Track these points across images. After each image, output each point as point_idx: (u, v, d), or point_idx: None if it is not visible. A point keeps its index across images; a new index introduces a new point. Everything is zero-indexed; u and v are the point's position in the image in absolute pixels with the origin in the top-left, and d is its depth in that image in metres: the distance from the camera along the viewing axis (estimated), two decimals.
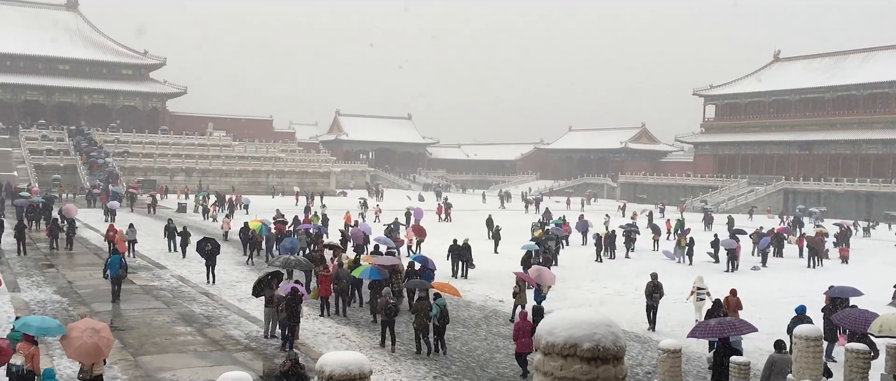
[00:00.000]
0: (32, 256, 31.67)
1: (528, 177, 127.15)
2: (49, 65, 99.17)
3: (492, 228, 41.12)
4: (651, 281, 20.69)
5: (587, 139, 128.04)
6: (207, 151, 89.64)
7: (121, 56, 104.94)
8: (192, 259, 31.29)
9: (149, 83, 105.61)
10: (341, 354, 6.61)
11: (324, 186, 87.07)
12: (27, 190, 56.22)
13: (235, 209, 55.31)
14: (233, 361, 16.56)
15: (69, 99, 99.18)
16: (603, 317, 5.57)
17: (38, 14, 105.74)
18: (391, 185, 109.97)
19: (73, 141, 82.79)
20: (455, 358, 17.30)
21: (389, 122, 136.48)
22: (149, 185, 74.61)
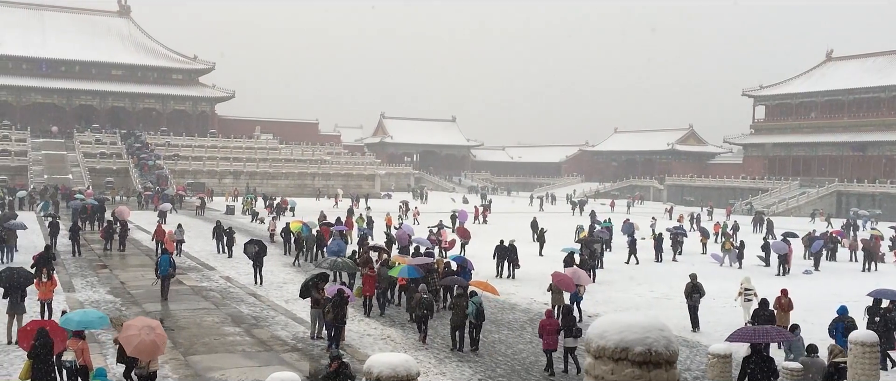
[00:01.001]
0: (86, 257, 32.45)
1: (572, 179, 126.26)
2: (102, 70, 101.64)
3: (536, 230, 40.90)
4: (690, 282, 20.74)
5: (633, 141, 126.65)
6: (255, 154, 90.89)
7: (171, 61, 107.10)
8: (240, 260, 31.74)
9: (198, 87, 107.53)
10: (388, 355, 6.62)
11: (368, 189, 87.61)
12: (81, 193, 57.73)
13: (282, 211, 55.99)
14: (280, 361, 16.73)
15: (122, 103, 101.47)
16: (655, 321, 5.48)
17: (92, 21, 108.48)
18: (435, 187, 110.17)
19: (126, 144, 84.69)
20: (500, 361, 17.24)
21: (434, 124, 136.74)
22: (198, 187, 75.93)
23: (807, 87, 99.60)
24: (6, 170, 70.87)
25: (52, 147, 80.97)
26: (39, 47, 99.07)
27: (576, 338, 16.25)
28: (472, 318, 17.62)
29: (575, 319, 17.17)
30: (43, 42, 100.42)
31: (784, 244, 33.41)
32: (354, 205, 64.13)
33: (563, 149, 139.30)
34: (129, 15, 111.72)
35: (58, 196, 58.26)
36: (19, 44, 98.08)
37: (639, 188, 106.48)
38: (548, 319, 16.45)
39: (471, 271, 24.36)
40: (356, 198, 71.17)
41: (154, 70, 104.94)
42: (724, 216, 66.09)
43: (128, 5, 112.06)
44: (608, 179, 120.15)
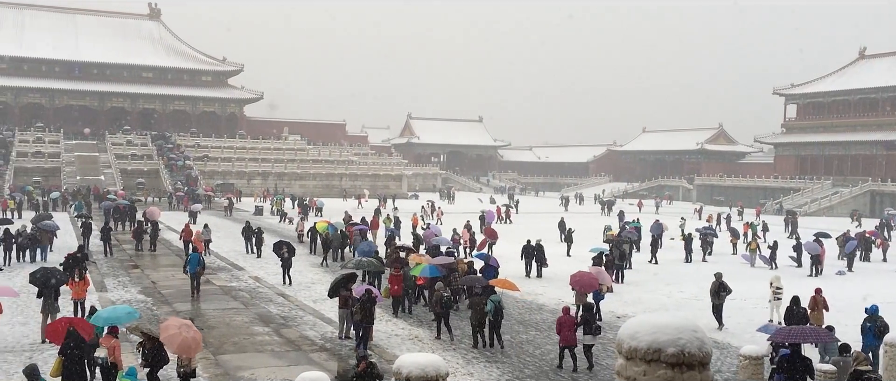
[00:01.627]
0: (118, 257, 32.87)
1: (600, 179, 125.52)
2: (133, 73, 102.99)
3: (564, 230, 40.70)
4: (716, 281, 20.83)
5: (662, 141, 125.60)
6: (283, 155, 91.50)
7: (200, 63, 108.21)
8: (269, 260, 31.98)
9: (227, 89, 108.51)
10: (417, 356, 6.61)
11: (396, 189, 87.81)
12: (113, 193, 58.53)
13: (310, 212, 56.31)
14: (308, 361, 16.81)
15: (152, 105, 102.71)
16: (688, 322, 5.40)
17: (123, 24, 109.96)
18: (463, 187, 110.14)
19: (156, 146, 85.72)
20: (528, 361, 17.17)
21: (460, 125, 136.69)
22: (227, 188, 76.63)
23: (839, 85, 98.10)
24: (40, 171, 72.04)
25: (85, 149, 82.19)
26: (72, 51, 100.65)
27: (594, 335, 16.46)
28: (491, 316, 17.85)
29: (594, 316, 17.18)
30: (75, 45, 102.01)
31: (817, 245, 32.90)
32: (382, 205, 64.29)
33: (590, 149, 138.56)
34: (159, 18, 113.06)
35: (90, 197, 59.11)
36: (52, 47, 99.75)
37: (668, 188, 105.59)
38: (565, 315, 16.62)
39: (495, 267, 24.56)
40: (383, 198, 71.36)
41: (184, 72, 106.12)
42: (753, 216, 65.31)
43: (158, 8, 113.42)
44: (636, 179, 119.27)
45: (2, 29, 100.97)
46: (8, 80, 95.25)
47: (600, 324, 17.10)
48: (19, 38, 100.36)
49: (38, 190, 61.84)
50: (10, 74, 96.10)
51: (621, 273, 29.23)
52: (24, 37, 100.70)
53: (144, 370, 13.53)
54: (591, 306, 17.48)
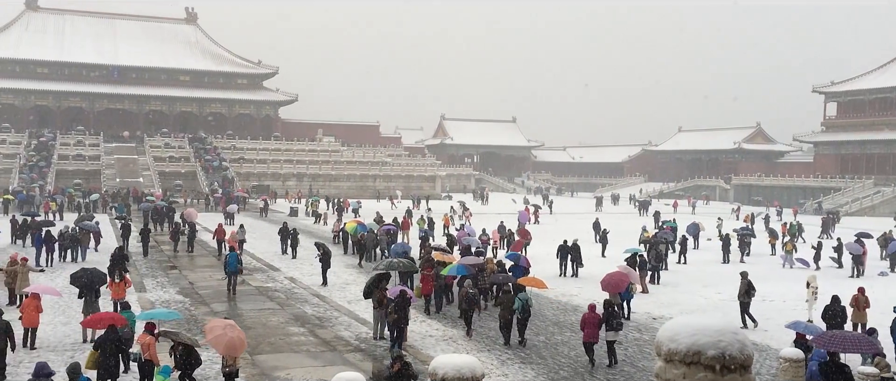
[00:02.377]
0: (157, 257, 33.36)
1: (635, 179, 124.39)
2: (171, 76, 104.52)
3: (599, 231, 40.42)
4: (744, 280, 21.00)
5: (698, 140, 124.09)
6: (317, 157, 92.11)
7: (236, 66, 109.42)
8: (304, 261, 32.24)
9: (262, 92, 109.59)
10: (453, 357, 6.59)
11: (429, 190, 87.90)
12: (151, 195, 59.44)
13: (344, 212, 56.62)
14: (344, 361, 16.88)
15: (189, 108, 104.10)
16: (729, 323, 5.31)
17: (160, 28, 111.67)
18: (496, 188, 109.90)
19: (193, 148, 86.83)
20: (563, 362, 17.07)
21: (494, 125, 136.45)
22: (262, 189, 77.34)
23: (880, 82, 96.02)
24: (81, 174, 73.38)
25: (124, 151, 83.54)
26: (112, 55, 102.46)
27: (616, 332, 16.75)
28: (519, 313, 18.16)
29: (617, 313, 17.36)
30: (115, 50, 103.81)
31: (858, 245, 32.26)
32: (415, 206, 64.41)
33: (625, 149, 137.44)
34: (195, 22, 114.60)
35: (129, 199, 60.07)
36: (93, 52, 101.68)
37: (704, 188, 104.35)
38: (590, 313, 16.87)
39: (525, 267, 24.75)
40: (416, 199, 71.48)
41: (220, 75, 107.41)
42: (791, 216, 64.32)
43: (195, 12, 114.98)
44: (672, 178, 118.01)
45: (44, 34, 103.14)
46: (50, 84, 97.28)
47: (623, 321, 17.14)
48: (61, 43, 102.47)
49: (79, 192, 62.99)
50: (51, 79, 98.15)
51: (657, 274, 28.94)
52: (65, 42, 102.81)
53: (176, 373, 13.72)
54: (612, 304, 17.55)
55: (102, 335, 14.21)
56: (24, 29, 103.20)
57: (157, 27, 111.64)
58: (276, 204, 69.20)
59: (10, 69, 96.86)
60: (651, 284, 27.98)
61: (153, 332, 14.10)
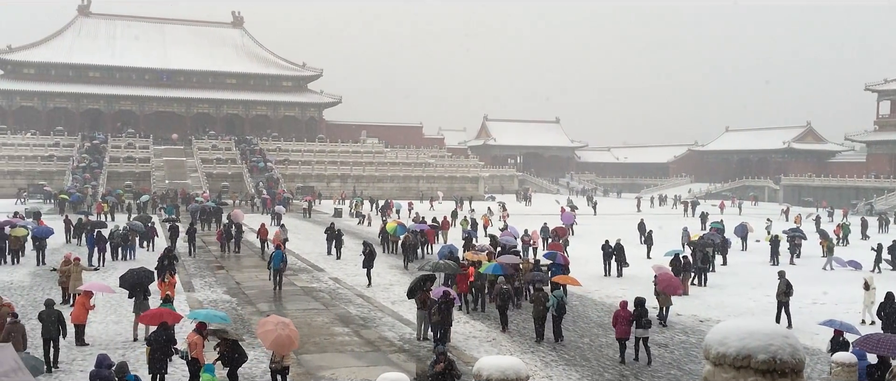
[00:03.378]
0: (204, 258, 33.92)
1: (681, 180, 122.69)
2: (218, 79, 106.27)
3: (644, 232, 39.98)
4: (781, 280, 21.30)
5: (746, 140, 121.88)
6: (361, 158, 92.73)
7: (281, 69, 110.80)
8: (348, 262, 32.47)
9: (307, 94, 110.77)
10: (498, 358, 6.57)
11: (472, 191, 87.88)
12: (200, 197, 60.49)
13: (389, 213, 56.92)
14: (388, 362, 16.96)
15: (235, 111, 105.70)
16: (779, 327, 5.19)
17: (208, 32, 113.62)
18: (539, 189, 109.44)
19: (239, 150, 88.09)
20: (607, 365, 16.92)
21: (537, 126, 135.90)
22: (306, 191, 78.10)
23: None
24: (131, 175, 74.97)
25: (173, 154, 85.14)
26: (160, 59, 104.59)
27: (646, 329, 17.05)
28: (554, 310, 18.59)
29: (646, 310, 17.46)
30: (163, 53, 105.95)
31: None
32: (458, 207, 64.45)
33: (670, 149, 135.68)
34: (242, 25, 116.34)
35: (178, 200, 61.18)
36: (142, 56, 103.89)
37: (752, 189, 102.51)
38: (622, 310, 17.22)
39: (562, 264, 25.01)
40: (459, 200, 71.49)
41: (266, 78, 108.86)
42: (840, 218, 62.81)
43: (241, 16, 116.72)
44: (719, 179, 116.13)
45: (96, 39, 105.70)
46: (102, 88, 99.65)
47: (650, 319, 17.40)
48: (112, 47, 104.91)
49: (129, 194, 64.45)
50: (103, 83, 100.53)
51: (704, 276, 28.50)
52: (116, 46, 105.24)
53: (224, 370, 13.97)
54: (642, 301, 17.54)
55: (153, 332, 14.68)
56: (77, 34, 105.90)
57: (205, 31, 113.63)
58: (320, 205, 69.81)
59: (64, 73, 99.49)
60: (698, 286, 27.58)
61: (202, 331, 14.36)
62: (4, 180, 72.74)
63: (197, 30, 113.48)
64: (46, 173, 73.55)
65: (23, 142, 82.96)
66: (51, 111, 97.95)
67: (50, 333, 15.76)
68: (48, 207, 60.11)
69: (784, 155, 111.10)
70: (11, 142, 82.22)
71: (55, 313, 15.99)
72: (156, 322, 15.09)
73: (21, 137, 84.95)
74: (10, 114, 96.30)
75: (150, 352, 14.40)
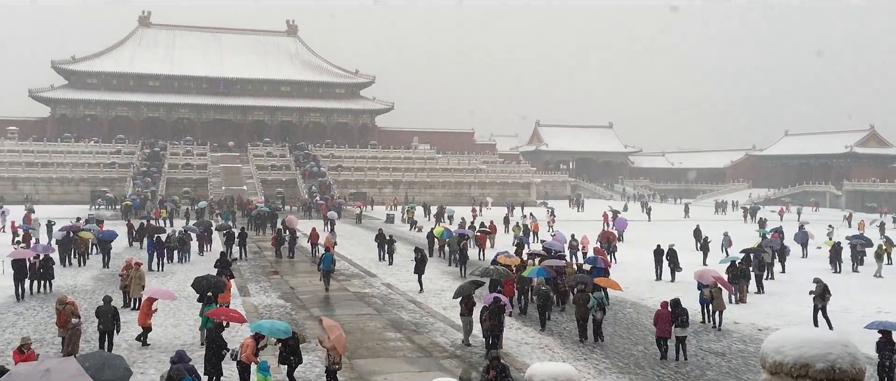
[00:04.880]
0: (259, 263, 34.49)
1: (738, 185, 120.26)
2: (273, 87, 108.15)
3: (700, 238, 39.31)
4: (819, 285, 21.38)
5: (806, 144, 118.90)
6: (413, 164, 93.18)
7: (334, 76, 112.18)
8: (400, 268, 32.64)
9: (359, 101, 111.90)
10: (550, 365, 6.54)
11: (524, 197, 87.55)
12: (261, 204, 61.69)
13: (441, 219, 57.10)
14: (439, 368, 16.97)
15: (290, 118, 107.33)
16: (839, 335, 5.05)
17: (263, 41, 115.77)
18: (592, 195, 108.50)
19: (294, 157, 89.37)
20: (663, 373, 16.68)
21: (589, 131, 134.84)
22: (359, 197, 78.79)
23: None
24: (189, 182, 76.70)
25: (229, 160, 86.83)
26: (217, 67, 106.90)
27: (683, 328, 17.62)
28: (595, 312, 19.18)
29: (685, 310, 17.84)
30: (220, 62, 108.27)
31: None
32: (510, 213, 64.28)
33: (727, 153, 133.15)
34: (296, 34, 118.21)
35: (234, 206, 62.37)
36: (200, 65, 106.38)
37: (813, 194, 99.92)
38: (663, 309, 17.87)
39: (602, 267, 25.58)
40: (511, 206, 71.31)
41: (319, 85, 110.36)
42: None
43: (295, 25, 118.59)
44: (778, 184, 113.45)
45: (156, 49, 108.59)
46: (161, 96, 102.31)
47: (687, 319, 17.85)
48: (171, 57, 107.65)
49: (186, 200, 66.01)
50: (162, 91, 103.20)
51: (760, 283, 27.89)
52: (174, 55, 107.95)
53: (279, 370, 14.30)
54: (678, 302, 18.06)
55: (207, 334, 15.09)
56: (138, 44, 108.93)
57: (260, 40, 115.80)
58: (373, 211, 70.33)
59: (125, 83, 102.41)
60: (756, 293, 27.01)
61: (257, 337, 14.64)
62: (69, 187, 75.12)
63: (252, 39, 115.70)
64: (108, 180, 75.72)
65: (86, 150, 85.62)
66: (113, 120, 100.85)
67: (106, 327, 17.24)
68: (111, 212, 61.86)
69: (846, 160, 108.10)
70: (76, 150, 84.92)
71: (112, 309, 17.41)
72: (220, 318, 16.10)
73: (84, 145, 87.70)
74: (74, 123, 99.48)
75: (206, 353, 14.79)
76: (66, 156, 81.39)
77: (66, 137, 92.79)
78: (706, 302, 21.72)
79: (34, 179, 75.08)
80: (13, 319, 21.20)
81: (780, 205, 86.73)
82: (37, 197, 71.32)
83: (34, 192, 72.96)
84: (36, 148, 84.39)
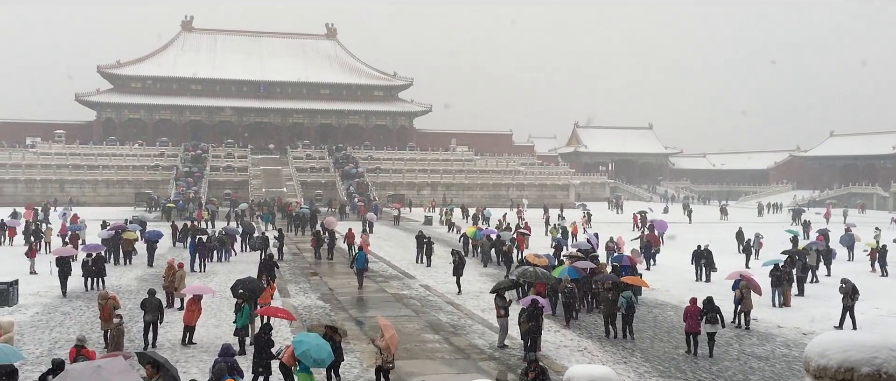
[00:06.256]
0: (299, 264, 34.83)
1: (782, 187, 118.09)
2: (312, 90, 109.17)
3: (742, 241, 38.75)
4: (848, 285, 21.45)
5: (852, 145, 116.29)
6: (451, 166, 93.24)
7: (373, 79, 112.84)
8: (438, 270, 32.69)
9: (397, 103, 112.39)
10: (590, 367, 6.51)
11: (563, 199, 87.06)
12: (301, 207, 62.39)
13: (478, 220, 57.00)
14: (477, 370, 16.96)
15: (328, 120, 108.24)
16: (885, 339, 4.95)
17: (302, 44, 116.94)
18: (631, 197, 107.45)
19: (332, 159, 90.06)
20: (704, 377, 16.45)
21: (629, 132, 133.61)
22: (397, 198, 79.06)
23: None
24: (230, 184, 77.76)
25: (269, 163, 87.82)
26: (258, 71, 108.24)
27: (713, 325, 18.20)
28: (623, 310, 19.85)
29: (716, 308, 18.44)
30: (261, 66, 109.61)
31: None
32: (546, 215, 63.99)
33: (770, 155, 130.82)
34: (335, 37, 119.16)
35: (274, 208, 63.07)
36: (241, 68, 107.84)
37: (859, 196, 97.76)
38: (692, 305, 18.59)
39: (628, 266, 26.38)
40: (546, 208, 70.89)
41: (358, 88, 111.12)
42: None
43: (334, 28, 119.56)
44: (823, 186, 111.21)
45: (198, 53, 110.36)
46: (203, 100, 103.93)
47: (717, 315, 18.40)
48: (212, 61, 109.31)
49: (227, 201, 67.04)
50: (204, 95, 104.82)
51: (802, 287, 27.38)
52: (216, 59, 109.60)
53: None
54: (711, 300, 18.68)
55: (256, 334, 15.40)
56: (181, 49, 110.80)
57: (300, 43, 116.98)
58: (411, 213, 70.52)
59: (168, 87, 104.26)
60: (799, 296, 26.53)
61: None
62: (114, 189, 76.66)
63: (292, 42, 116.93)
64: (152, 182, 77.10)
65: (131, 152, 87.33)
66: (156, 123, 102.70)
67: (152, 318, 18.39)
68: (154, 214, 62.96)
69: (893, 161, 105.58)
70: (120, 153, 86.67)
71: (156, 301, 18.58)
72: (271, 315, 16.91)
73: (129, 148, 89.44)
74: (119, 126, 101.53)
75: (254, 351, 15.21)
76: (112, 158, 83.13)
77: (111, 140, 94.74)
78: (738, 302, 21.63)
79: (81, 181, 76.77)
80: (60, 318, 21.71)
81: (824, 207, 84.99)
82: (83, 199, 72.92)
83: (80, 194, 74.61)
84: (82, 151, 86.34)
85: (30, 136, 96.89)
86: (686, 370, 16.94)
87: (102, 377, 9.58)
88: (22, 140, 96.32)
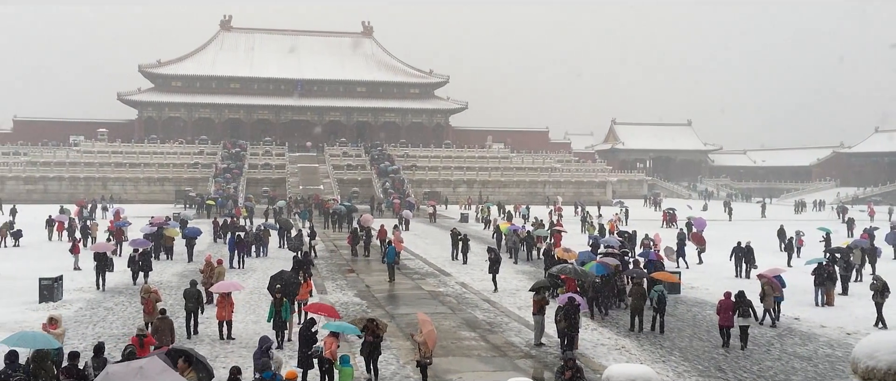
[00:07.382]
0: (335, 261, 35.05)
1: (825, 184, 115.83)
2: (348, 88, 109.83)
3: (784, 239, 38.08)
4: (878, 282, 21.62)
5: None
6: (487, 164, 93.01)
7: (409, 76, 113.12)
8: (474, 267, 32.66)
9: (433, 100, 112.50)
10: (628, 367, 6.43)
11: (600, 196, 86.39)
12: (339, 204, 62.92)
13: (513, 217, 56.91)
14: (514, 367, 16.90)
15: (365, 118, 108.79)
16: None
17: (339, 42, 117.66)
18: (670, 194, 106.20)
19: (369, 156, 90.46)
20: (745, 377, 16.20)
21: (667, 129, 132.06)
22: (433, 196, 79.09)
23: None
24: (268, 182, 78.52)
25: (306, 160, 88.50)
26: (295, 69, 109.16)
27: (746, 318, 18.48)
28: (655, 304, 20.07)
29: (749, 302, 18.74)
30: (298, 64, 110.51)
31: None
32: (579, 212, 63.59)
33: (813, 151, 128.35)
34: (371, 35, 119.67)
35: (312, 205, 63.56)
36: (279, 67, 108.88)
37: None
38: (725, 299, 18.87)
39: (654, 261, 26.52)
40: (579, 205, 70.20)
41: (394, 86, 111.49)
42: None
43: (371, 26, 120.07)
44: (868, 183, 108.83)
45: (236, 52, 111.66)
46: (241, 98, 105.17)
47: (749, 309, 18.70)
48: (250, 60, 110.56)
49: (265, 198, 67.84)
50: (242, 93, 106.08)
51: (846, 286, 26.81)
52: (254, 58, 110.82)
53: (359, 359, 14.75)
54: (743, 294, 18.89)
55: (300, 328, 15.70)
56: (219, 48, 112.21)
57: (336, 41, 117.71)
58: (447, 210, 70.55)
59: (208, 85, 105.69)
60: (842, 296, 25.99)
61: (337, 336, 15.11)
62: (155, 187, 77.88)
63: (329, 41, 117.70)
64: (192, 180, 78.14)
65: (171, 150, 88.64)
66: (196, 121, 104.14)
67: (192, 307, 19.41)
68: (193, 211, 63.83)
69: None
70: (161, 150, 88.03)
71: (197, 292, 19.59)
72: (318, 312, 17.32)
73: (169, 146, 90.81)
74: (159, 124, 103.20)
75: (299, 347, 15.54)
76: (153, 156, 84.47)
77: (152, 138, 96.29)
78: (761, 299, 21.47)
79: (122, 178, 78.11)
80: (103, 314, 22.11)
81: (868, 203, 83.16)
82: (125, 196, 74.19)
83: (122, 191, 75.89)
84: (124, 149, 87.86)
85: (73, 134, 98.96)
86: (726, 370, 16.69)
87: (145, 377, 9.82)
88: (66, 139, 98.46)
